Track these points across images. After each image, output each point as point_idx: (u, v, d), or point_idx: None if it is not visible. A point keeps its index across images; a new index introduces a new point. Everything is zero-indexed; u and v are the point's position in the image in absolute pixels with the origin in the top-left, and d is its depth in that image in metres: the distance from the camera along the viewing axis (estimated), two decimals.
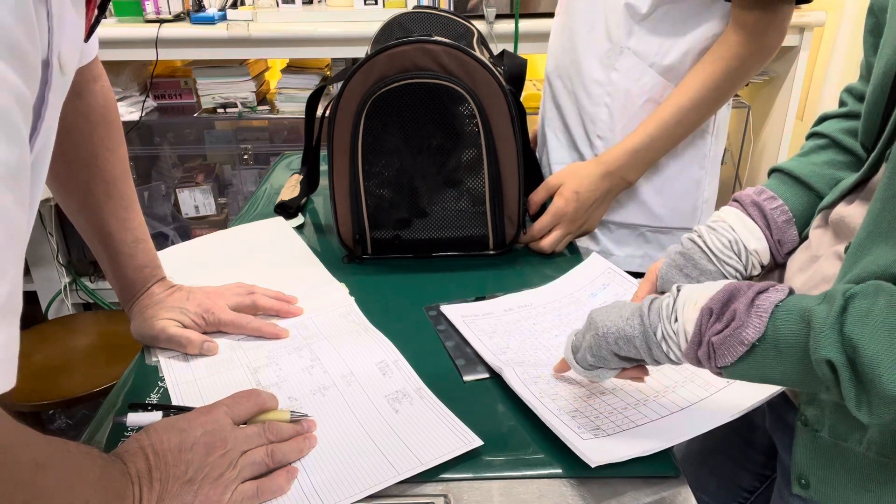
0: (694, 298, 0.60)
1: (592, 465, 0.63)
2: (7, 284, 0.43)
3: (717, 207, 1.09)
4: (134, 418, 0.71)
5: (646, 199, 1.17)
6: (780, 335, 0.54)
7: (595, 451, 0.65)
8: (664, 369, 0.75)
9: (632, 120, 1.12)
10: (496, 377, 0.79)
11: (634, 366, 0.67)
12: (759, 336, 0.55)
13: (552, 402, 0.72)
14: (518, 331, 0.87)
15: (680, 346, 0.60)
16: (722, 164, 2.60)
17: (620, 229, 1.20)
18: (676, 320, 0.60)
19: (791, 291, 0.57)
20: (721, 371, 0.58)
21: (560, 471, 0.66)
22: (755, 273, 0.78)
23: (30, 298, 2.55)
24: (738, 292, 0.57)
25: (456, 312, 0.90)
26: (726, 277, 0.76)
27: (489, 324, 0.88)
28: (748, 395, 0.70)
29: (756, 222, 0.77)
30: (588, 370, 0.68)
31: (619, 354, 0.65)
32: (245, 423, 0.68)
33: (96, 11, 0.58)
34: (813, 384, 0.54)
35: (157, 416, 0.71)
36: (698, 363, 0.60)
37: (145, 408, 0.74)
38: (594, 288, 0.94)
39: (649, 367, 0.70)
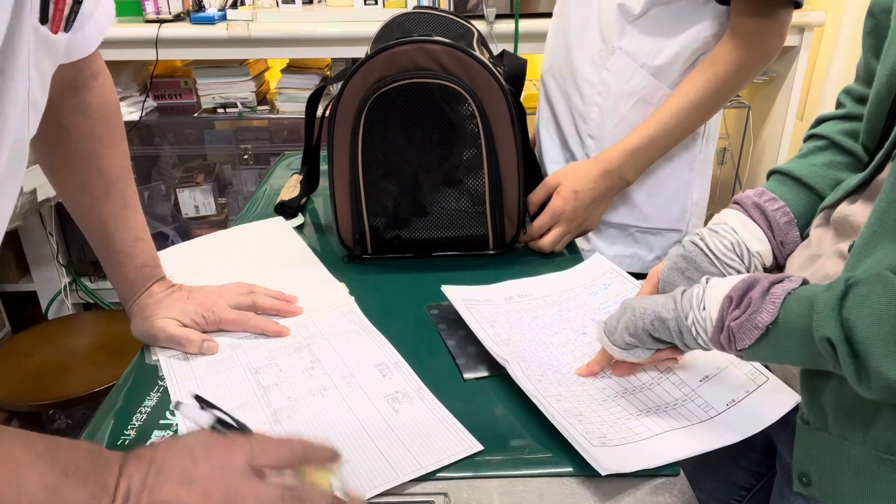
0: (720, 289, 0.65)
1: (603, 473, 0.63)
2: None
3: (711, 208, 1.09)
4: (185, 411, 0.63)
5: (635, 199, 1.18)
6: (790, 319, 0.59)
7: (606, 458, 0.65)
8: (666, 385, 0.75)
9: (622, 120, 1.13)
10: (496, 376, 0.79)
11: (667, 348, 0.71)
12: (771, 320, 0.59)
13: (557, 403, 0.72)
14: (518, 323, 0.87)
15: (707, 330, 0.65)
16: (722, 164, 2.61)
17: (609, 229, 1.20)
18: (704, 308, 0.65)
19: (805, 282, 0.61)
20: (741, 353, 0.63)
21: (560, 469, 0.66)
22: None
23: (30, 298, 2.55)
24: (755, 282, 0.62)
25: (457, 295, 0.90)
26: None
27: (490, 311, 0.88)
28: (752, 419, 0.70)
29: (758, 224, 0.77)
30: (624, 349, 0.72)
31: (653, 335, 0.69)
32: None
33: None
34: (822, 362, 0.58)
35: (206, 417, 0.62)
36: (721, 347, 0.65)
37: (205, 404, 0.64)
38: (595, 287, 0.94)
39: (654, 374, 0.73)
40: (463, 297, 0.90)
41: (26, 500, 0.48)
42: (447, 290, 0.92)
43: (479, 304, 0.90)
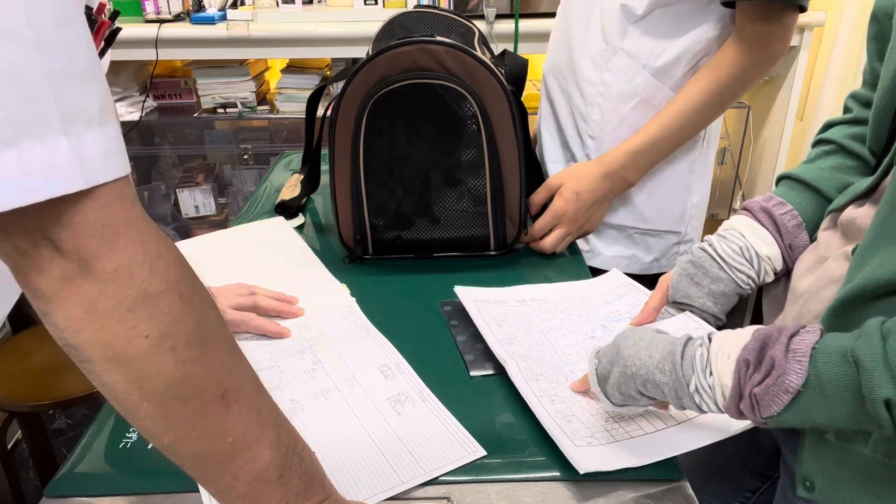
0: (727, 350, 0.59)
1: (581, 472, 0.64)
2: (105, 88, 0.42)
3: (711, 208, 1.08)
4: None
5: (635, 200, 1.17)
6: (824, 378, 0.53)
7: (586, 459, 0.65)
8: None
9: (623, 121, 1.12)
10: (502, 374, 0.79)
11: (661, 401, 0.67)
12: (802, 382, 0.54)
13: (550, 404, 0.72)
14: (527, 324, 0.87)
15: (716, 400, 0.59)
16: (722, 164, 2.61)
17: (608, 230, 1.20)
18: (711, 374, 0.59)
19: (822, 332, 0.56)
20: (766, 421, 0.57)
21: (563, 474, 0.66)
22: (768, 280, 0.78)
23: None
24: (769, 339, 0.57)
25: (469, 296, 0.91)
26: (738, 285, 0.76)
27: (500, 311, 0.89)
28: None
29: (766, 228, 0.76)
30: (618, 405, 0.68)
31: (644, 394, 0.65)
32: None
33: (103, 43, 0.58)
34: (863, 423, 0.54)
35: None
36: (740, 416, 0.59)
37: None
38: (609, 297, 0.94)
39: None
40: (474, 297, 0.91)
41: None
42: (460, 290, 0.92)
43: (490, 305, 0.90)
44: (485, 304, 0.90)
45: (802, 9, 0.99)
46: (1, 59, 0.36)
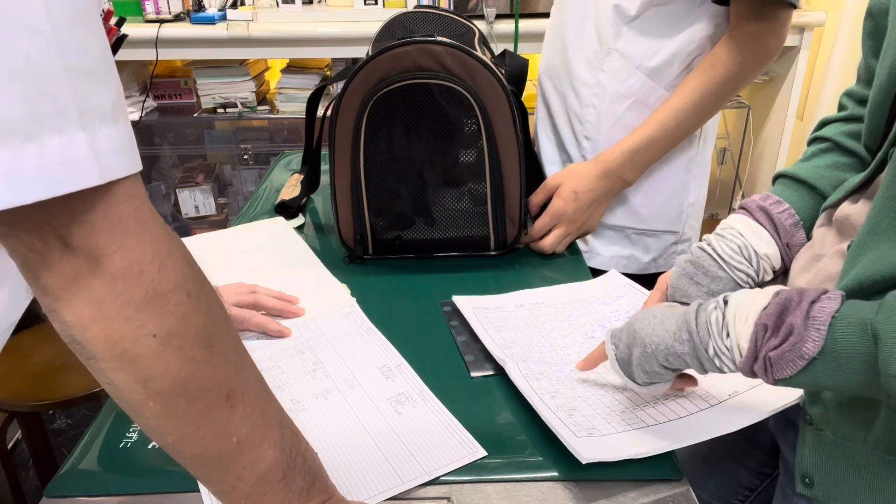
0: (744, 313, 0.59)
1: (583, 462, 0.63)
2: (117, 85, 0.42)
3: (710, 208, 1.08)
4: None
5: (632, 201, 1.17)
6: (840, 348, 0.54)
7: (588, 448, 0.65)
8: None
9: (618, 121, 1.12)
10: (503, 375, 0.79)
11: (684, 373, 0.67)
12: (818, 350, 0.54)
13: (551, 400, 0.72)
14: (526, 327, 0.87)
15: (734, 360, 0.60)
16: (722, 164, 2.60)
17: (606, 230, 1.20)
18: (728, 336, 0.60)
19: (843, 299, 0.56)
20: (777, 382, 0.58)
21: (564, 474, 0.66)
22: (767, 279, 0.78)
23: None
24: (790, 303, 0.57)
25: (467, 304, 0.91)
26: (738, 284, 0.76)
27: (498, 317, 0.89)
28: (749, 411, 0.70)
29: (764, 226, 0.77)
30: (645, 386, 0.69)
31: (668, 367, 0.65)
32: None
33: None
34: (872, 392, 0.55)
35: None
36: (753, 375, 0.60)
37: None
38: (608, 298, 0.94)
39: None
40: (473, 305, 0.91)
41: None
42: (458, 299, 0.92)
43: (489, 312, 0.90)
44: (483, 310, 0.90)
45: (794, 6, 0.99)
46: (22, 53, 0.36)
